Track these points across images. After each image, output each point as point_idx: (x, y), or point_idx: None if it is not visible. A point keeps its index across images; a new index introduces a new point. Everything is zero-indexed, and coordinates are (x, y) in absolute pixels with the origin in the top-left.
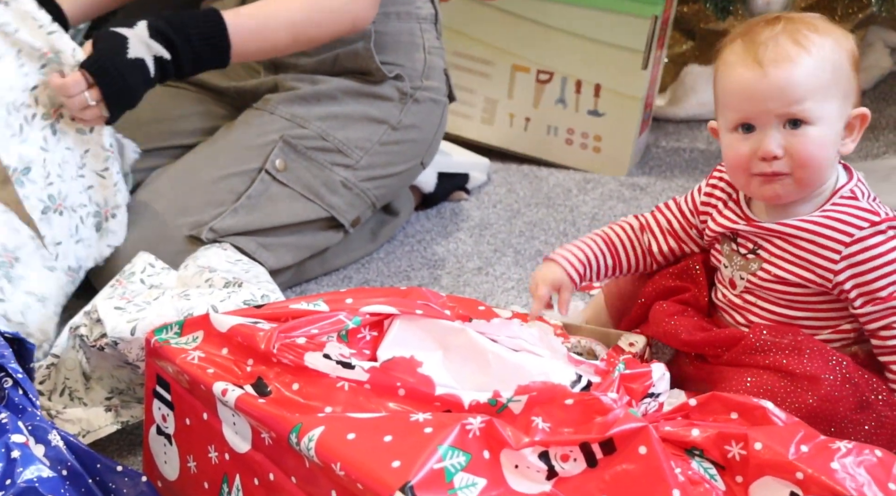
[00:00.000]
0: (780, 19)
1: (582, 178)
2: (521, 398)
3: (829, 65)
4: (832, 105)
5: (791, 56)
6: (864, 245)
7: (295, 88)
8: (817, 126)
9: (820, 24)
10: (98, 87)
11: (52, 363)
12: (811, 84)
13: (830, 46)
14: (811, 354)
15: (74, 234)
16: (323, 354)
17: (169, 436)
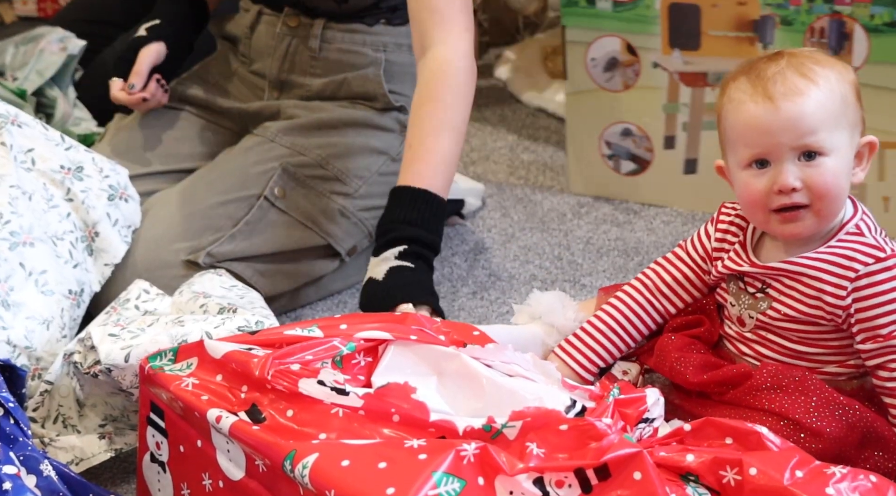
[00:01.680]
0: (783, 54)
1: (576, 202)
2: (516, 424)
3: (837, 96)
4: (843, 135)
5: (801, 89)
6: (870, 280)
7: (296, 117)
8: (831, 157)
9: (821, 57)
10: None
11: (45, 390)
12: (822, 115)
13: (835, 78)
14: (817, 402)
15: (69, 260)
16: (317, 380)
17: (163, 463)
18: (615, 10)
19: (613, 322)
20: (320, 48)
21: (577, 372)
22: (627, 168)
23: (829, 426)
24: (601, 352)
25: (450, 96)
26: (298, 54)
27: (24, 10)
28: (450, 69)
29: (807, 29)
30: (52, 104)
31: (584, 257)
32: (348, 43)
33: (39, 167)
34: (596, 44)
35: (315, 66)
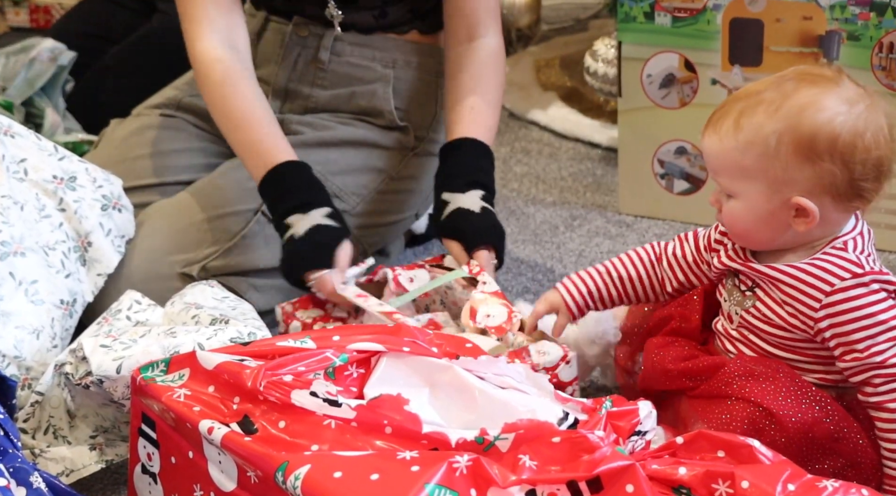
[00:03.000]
0: (763, 91)
1: (569, 214)
2: (509, 436)
3: (755, 148)
4: (752, 186)
5: (720, 131)
6: (844, 296)
7: (298, 133)
8: (737, 200)
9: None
10: None
11: (36, 401)
12: (724, 162)
13: (769, 132)
14: (787, 390)
15: (61, 270)
16: (310, 392)
17: (154, 474)
18: (674, 25)
19: (615, 271)
20: (329, 60)
21: (565, 301)
22: (680, 187)
23: (796, 415)
24: (592, 287)
25: (499, 81)
26: (306, 65)
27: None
28: (499, 59)
29: (875, 44)
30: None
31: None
32: (358, 57)
33: (32, 177)
34: (653, 60)
35: (323, 78)
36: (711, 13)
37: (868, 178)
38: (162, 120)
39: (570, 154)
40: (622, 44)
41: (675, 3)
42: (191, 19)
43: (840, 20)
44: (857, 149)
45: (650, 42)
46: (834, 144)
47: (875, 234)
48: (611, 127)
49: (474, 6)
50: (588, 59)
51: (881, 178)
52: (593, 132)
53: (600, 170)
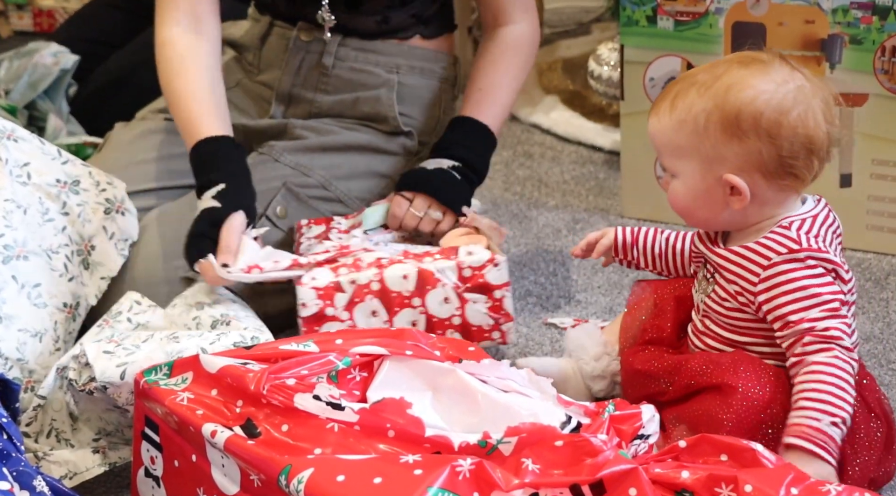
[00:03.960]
0: (697, 73)
1: (571, 218)
2: (511, 440)
3: (687, 127)
4: (687, 165)
5: (659, 112)
6: (777, 270)
7: (302, 137)
8: (678, 178)
9: (725, 81)
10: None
11: (39, 404)
12: (662, 142)
13: (698, 110)
14: (744, 369)
15: (64, 274)
16: (313, 395)
17: (157, 478)
18: (676, 29)
19: (666, 234)
20: (333, 65)
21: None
22: None
23: (756, 385)
24: (642, 240)
25: (519, 67)
26: (310, 70)
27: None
28: (523, 45)
29: (877, 48)
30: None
31: (579, 273)
32: (362, 62)
33: (35, 181)
34: (655, 63)
35: (326, 83)
36: (714, 17)
37: (798, 156)
38: (166, 124)
39: (572, 157)
40: (624, 47)
41: (678, 7)
42: (159, 5)
43: (842, 24)
44: (781, 126)
45: (652, 46)
46: (757, 121)
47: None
48: (613, 130)
49: None
50: (591, 63)
51: (812, 157)
52: (596, 136)
53: (603, 173)
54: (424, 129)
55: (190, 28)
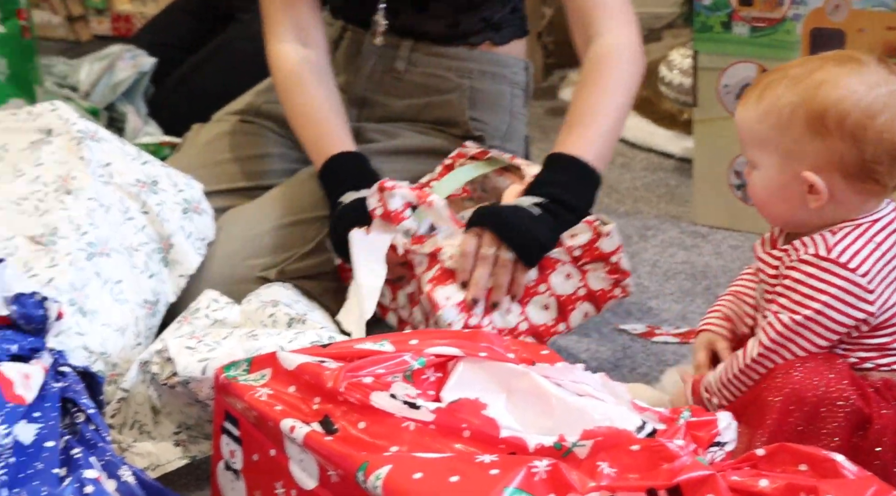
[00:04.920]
0: (791, 68)
1: (642, 224)
2: (587, 443)
3: (770, 119)
4: (768, 157)
5: (747, 102)
6: (794, 266)
7: (375, 141)
8: (758, 170)
9: (817, 78)
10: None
11: (122, 397)
12: (746, 132)
13: (784, 103)
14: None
15: (144, 271)
16: (389, 394)
17: (237, 471)
18: (752, 35)
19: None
20: (406, 70)
21: (714, 332)
22: None
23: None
24: (729, 314)
25: (611, 82)
26: (382, 74)
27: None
28: (612, 57)
29: None
30: (122, 118)
31: (651, 280)
32: (434, 67)
33: (116, 181)
34: (730, 70)
35: (399, 88)
36: (791, 23)
37: (881, 161)
38: (241, 126)
39: (643, 164)
40: (698, 53)
41: (754, 13)
42: (267, 20)
43: None
44: (867, 129)
45: (727, 52)
46: (843, 121)
47: None
48: (685, 137)
49: (581, 4)
50: (662, 69)
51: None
52: (667, 142)
53: (674, 180)
54: (495, 134)
55: (297, 40)
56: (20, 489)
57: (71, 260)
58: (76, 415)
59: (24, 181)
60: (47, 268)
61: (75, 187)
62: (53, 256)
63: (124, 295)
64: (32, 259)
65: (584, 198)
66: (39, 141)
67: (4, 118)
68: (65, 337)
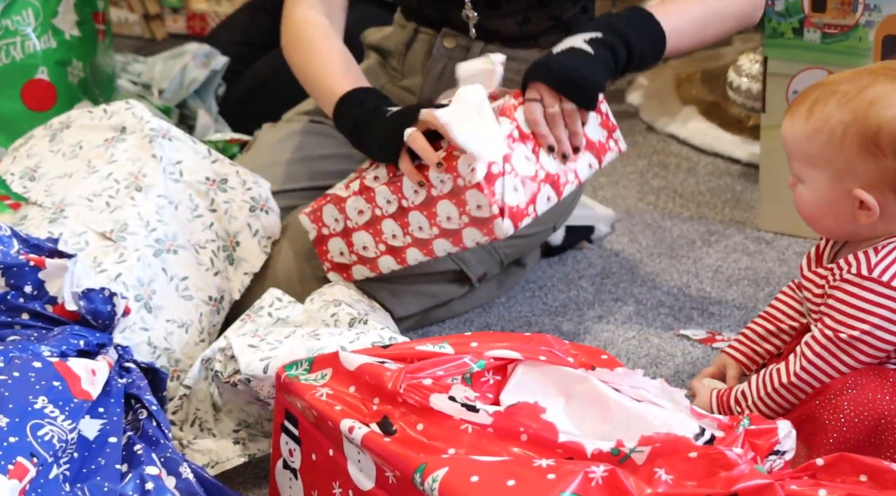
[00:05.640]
0: (841, 82)
1: (706, 229)
2: (645, 449)
3: (822, 136)
4: (818, 174)
5: (794, 116)
6: (837, 285)
7: None
8: (805, 184)
9: (868, 95)
10: None
11: (184, 394)
12: (794, 147)
13: (835, 122)
14: (857, 373)
15: (210, 268)
16: (448, 396)
17: (295, 470)
18: (824, 41)
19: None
20: None
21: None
22: None
23: (868, 390)
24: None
25: None
26: (452, 77)
27: (175, 28)
28: None
29: None
30: (193, 116)
31: (713, 286)
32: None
33: (186, 178)
34: (799, 76)
35: None
36: (864, 30)
37: None
38: (311, 126)
39: (708, 169)
40: (768, 59)
41: (826, 20)
42: None
43: None
44: None
45: (798, 58)
46: (884, 145)
47: None
48: (751, 142)
49: None
50: (731, 74)
51: None
52: (734, 147)
53: (739, 186)
54: None
55: (322, 13)
56: (82, 484)
57: (139, 256)
58: (139, 412)
59: (97, 178)
60: (115, 263)
61: (146, 184)
62: (122, 252)
63: (190, 291)
64: (101, 254)
65: (647, 42)
66: (113, 138)
67: (80, 116)
68: (129, 332)
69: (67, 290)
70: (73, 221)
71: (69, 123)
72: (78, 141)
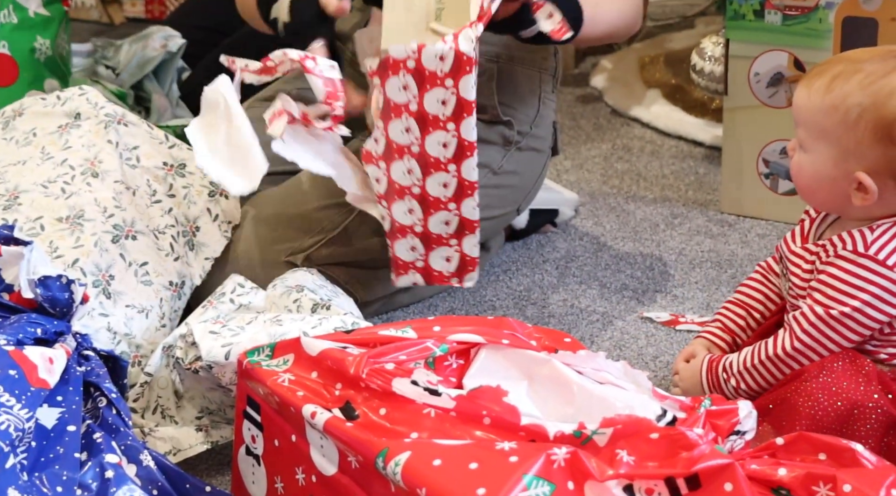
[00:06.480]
0: (867, 60)
1: (670, 212)
2: (607, 430)
3: (838, 113)
4: (824, 147)
5: (812, 87)
6: (830, 261)
7: None
8: (808, 154)
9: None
10: None
11: (145, 381)
12: (806, 117)
13: (856, 102)
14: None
15: (170, 253)
16: (411, 381)
17: (258, 456)
18: (784, 23)
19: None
20: None
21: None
22: (785, 188)
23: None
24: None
25: None
26: None
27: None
28: None
29: None
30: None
31: (677, 268)
32: None
33: (143, 164)
34: (761, 58)
35: None
36: (824, 11)
37: None
38: None
39: (672, 152)
40: (730, 41)
41: (786, 1)
42: None
43: None
44: None
45: (759, 40)
46: (888, 133)
47: None
48: (714, 125)
49: None
50: (694, 57)
51: None
52: (697, 130)
53: (703, 168)
54: (524, 119)
55: None
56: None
57: (96, 241)
58: (98, 400)
59: (52, 164)
60: (72, 248)
61: (102, 170)
62: (79, 236)
63: (149, 276)
64: (58, 238)
65: None
66: (67, 125)
67: (33, 103)
68: (89, 318)
69: (24, 278)
70: (28, 208)
71: (21, 111)
72: (31, 128)
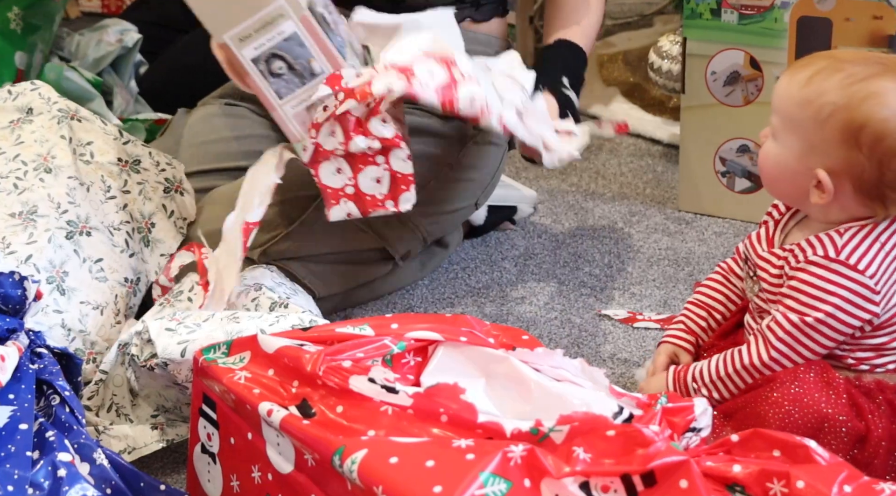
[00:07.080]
0: (852, 62)
1: (628, 210)
2: (563, 428)
3: (811, 109)
4: (793, 139)
5: (794, 78)
6: (801, 268)
7: None
8: (776, 142)
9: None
10: None
11: (100, 379)
12: (782, 106)
13: (827, 101)
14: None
15: (125, 249)
16: (368, 378)
17: (213, 454)
18: (741, 22)
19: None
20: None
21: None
22: (742, 186)
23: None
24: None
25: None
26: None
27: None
28: None
29: None
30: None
31: (634, 265)
32: None
33: (97, 159)
34: (718, 57)
35: None
36: (779, 11)
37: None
38: (225, 108)
39: (630, 150)
40: (687, 40)
41: (743, 1)
42: None
43: None
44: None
45: (716, 39)
46: (878, 142)
47: None
48: (672, 124)
49: None
50: (652, 55)
51: None
52: (655, 128)
53: (661, 166)
54: None
55: None
56: None
57: (50, 237)
58: (51, 397)
59: (4, 160)
60: (25, 244)
61: (55, 165)
62: (32, 232)
63: (104, 273)
64: (10, 234)
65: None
66: (20, 120)
67: None
68: (42, 315)
69: None
70: None
71: None
72: None
